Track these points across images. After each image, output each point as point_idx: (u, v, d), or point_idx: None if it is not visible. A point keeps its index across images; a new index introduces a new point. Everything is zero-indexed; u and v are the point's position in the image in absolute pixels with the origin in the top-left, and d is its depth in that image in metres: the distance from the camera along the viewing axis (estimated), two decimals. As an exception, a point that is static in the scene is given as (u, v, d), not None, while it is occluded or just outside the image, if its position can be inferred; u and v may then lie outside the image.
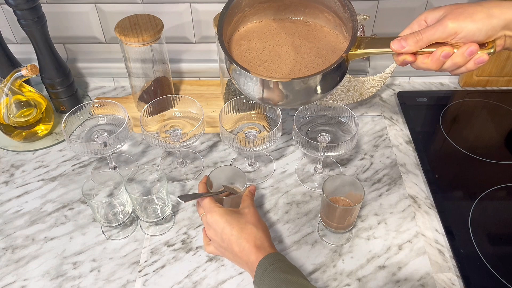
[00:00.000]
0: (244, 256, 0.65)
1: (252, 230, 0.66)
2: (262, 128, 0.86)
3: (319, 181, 0.87)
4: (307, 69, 0.63)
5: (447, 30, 0.55)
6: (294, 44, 0.67)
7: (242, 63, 0.63)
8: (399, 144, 0.93)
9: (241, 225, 0.67)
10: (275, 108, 0.83)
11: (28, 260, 0.75)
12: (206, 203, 0.71)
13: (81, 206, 0.83)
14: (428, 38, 0.56)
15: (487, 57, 0.56)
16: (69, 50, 1.05)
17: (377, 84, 0.96)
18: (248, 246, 0.65)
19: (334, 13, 0.66)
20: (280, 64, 0.64)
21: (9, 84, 0.86)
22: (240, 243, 0.65)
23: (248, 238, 0.65)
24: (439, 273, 0.72)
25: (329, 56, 0.65)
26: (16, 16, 0.83)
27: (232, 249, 0.66)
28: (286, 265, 0.63)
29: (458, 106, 1.01)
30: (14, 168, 0.90)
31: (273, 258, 0.63)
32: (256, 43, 0.67)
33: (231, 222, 0.67)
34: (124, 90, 1.07)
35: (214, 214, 0.68)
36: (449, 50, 0.56)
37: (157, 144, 0.79)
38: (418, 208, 0.81)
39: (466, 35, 0.55)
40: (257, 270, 0.62)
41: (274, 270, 0.61)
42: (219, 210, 0.69)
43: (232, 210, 0.70)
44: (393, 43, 0.57)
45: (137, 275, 0.73)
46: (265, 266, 0.62)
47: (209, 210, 0.70)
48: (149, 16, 0.88)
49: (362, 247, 0.76)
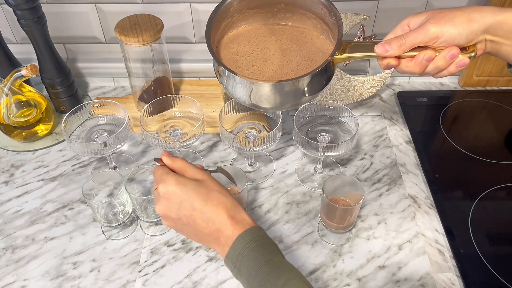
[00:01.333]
0: (214, 231, 0.56)
1: (219, 198, 0.57)
2: (262, 128, 0.86)
3: (319, 181, 0.87)
4: (293, 73, 0.64)
5: (429, 34, 0.56)
6: (282, 47, 0.68)
7: (230, 67, 0.64)
8: (399, 144, 0.93)
9: (203, 195, 0.57)
10: (266, 111, 0.84)
11: (28, 260, 0.75)
12: (158, 173, 0.60)
13: (81, 206, 0.83)
14: (411, 42, 0.57)
15: (468, 61, 0.58)
16: (69, 50, 1.05)
17: (377, 84, 0.96)
18: (219, 218, 0.56)
19: (321, 19, 0.67)
20: (267, 68, 0.65)
21: (9, 84, 0.86)
22: (208, 216, 0.56)
23: (216, 210, 0.56)
24: (439, 273, 0.72)
25: (316, 60, 0.66)
26: (16, 16, 0.83)
27: (195, 225, 0.57)
28: (270, 243, 0.56)
29: (458, 106, 1.01)
30: (14, 168, 0.90)
31: (255, 233, 0.56)
32: (245, 46, 0.68)
33: (189, 193, 0.57)
34: (124, 90, 1.07)
35: (166, 185, 0.58)
36: (431, 54, 0.57)
37: (157, 144, 0.79)
38: (418, 208, 0.81)
39: (448, 39, 0.56)
40: (234, 245, 0.55)
41: (257, 247, 0.54)
42: (172, 178, 0.58)
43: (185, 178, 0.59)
44: (377, 47, 0.59)
45: (137, 275, 0.73)
46: (246, 242, 0.54)
47: (162, 180, 0.59)
48: (149, 16, 0.88)
49: (362, 247, 0.76)
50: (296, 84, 0.61)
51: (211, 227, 0.56)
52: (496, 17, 0.56)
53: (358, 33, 0.93)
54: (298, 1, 0.67)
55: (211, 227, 0.56)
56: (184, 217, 0.57)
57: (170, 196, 0.58)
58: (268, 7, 0.69)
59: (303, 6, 0.67)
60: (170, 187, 0.58)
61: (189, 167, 0.61)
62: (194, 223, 0.57)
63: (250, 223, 0.57)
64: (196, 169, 0.61)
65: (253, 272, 0.54)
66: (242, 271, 0.55)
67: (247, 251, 0.54)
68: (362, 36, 0.93)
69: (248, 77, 0.62)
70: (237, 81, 0.62)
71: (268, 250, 0.55)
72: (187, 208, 0.57)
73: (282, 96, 0.62)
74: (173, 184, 0.58)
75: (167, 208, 0.58)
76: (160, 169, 0.61)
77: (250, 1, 0.68)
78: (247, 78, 0.60)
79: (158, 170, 0.61)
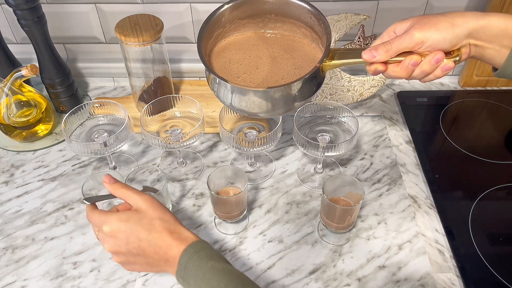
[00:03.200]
0: (162, 255, 0.58)
1: (162, 225, 0.59)
2: (262, 128, 0.86)
3: (319, 181, 0.87)
4: (283, 80, 0.66)
5: (414, 40, 0.58)
6: (273, 55, 0.69)
7: (222, 75, 0.65)
8: (399, 144, 0.93)
9: (146, 225, 0.59)
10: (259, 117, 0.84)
11: (28, 260, 0.75)
12: (96, 217, 0.62)
13: (81, 206, 0.83)
14: (397, 47, 0.59)
15: (453, 65, 0.60)
16: (69, 50, 1.05)
17: (377, 84, 0.96)
18: (165, 243, 0.58)
19: (311, 28, 0.69)
20: (258, 75, 0.67)
21: (9, 84, 0.86)
22: (155, 243, 0.59)
23: (161, 236, 0.59)
24: (439, 273, 0.72)
25: (305, 67, 0.67)
26: (16, 16, 0.83)
27: (145, 254, 0.59)
28: (213, 253, 0.58)
29: (458, 106, 1.01)
30: (14, 168, 0.90)
31: (198, 246, 0.58)
32: (237, 54, 0.70)
33: (133, 228, 0.59)
34: (124, 90, 1.07)
35: (109, 224, 0.60)
36: (417, 59, 0.59)
37: (157, 144, 0.79)
38: (418, 208, 0.81)
39: (432, 44, 0.58)
40: (180, 260, 0.57)
41: (201, 258, 0.57)
42: (113, 217, 0.60)
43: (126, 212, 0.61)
44: (364, 53, 0.61)
45: (137, 275, 0.73)
46: (190, 255, 0.57)
47: (104, 221, 0.60)
48: (149, 16, 0.88)
49: (362, 247, 0.76)
50: (286, 90, 0.62)
51: (159, 251, 0.58)
52: (479, 22, 0.57)
53: (358, 33, 0.93)
54: (288, 11, 0.69)
55: (159, 251, 0.58)
56: (134, 249, 0.59)
57: (116, 234, 0.60)
58: (259, 17, 0.71)
59: (293, 16, 0.69)
60: (114, 225, 0.60)
61: (130, 195, 0.62)
62: (144, 251, 0.59)
63: (193, 238, 0.59)
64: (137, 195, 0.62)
65: (198, 280, 0.56)
66: (190, 282, 0.57)
67: (191, 261, 0.57)
68: (362, 36, 0.93)
69: (238, 84, 0.64)
70: (228, 88, 0.64)
71: (212, 258, 0.57)
72: (134, 241, 0.59)
73: (273, 102, 0.63)
74: (116, 222, 0.60)
75: (116, 245, 0.60)
76: (95, 211, 0.62)
77: (241, 11, 0.69)
78: (237, 85, 0.62)
79: (93, 213, 0.62)
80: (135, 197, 0.62)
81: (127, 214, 0.60)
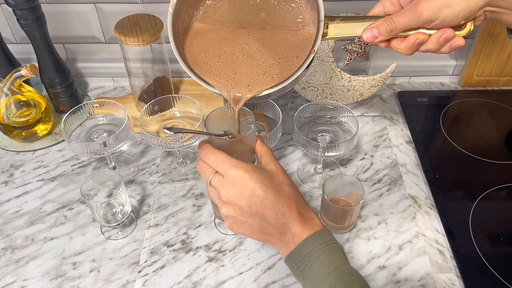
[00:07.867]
0: (281, 224, 0.52)
1: (291, 192, 0.54)
2: (262, 128, 0.86)
3: (319, 181, 0.86)
4: (265, 76, 0.60)
5: (422, 19, 0.53)
6: (249, 52, 0.62)
7: (201, 69, 0.60)
8: (399, 144, 0.93)
9: (276, 186, 0.53)
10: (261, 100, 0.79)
11: (28, 260, 0.75)
12: (224, 157, 0.54)
13: (80, 206, 0.83)
14: (402, 27, 0.54)
15: (463, 43, 0.54)
16: (68, 50, 1.05)
17: (377, 84, 0.96)
18: (290, 212, 0.52)
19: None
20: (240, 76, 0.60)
21: (8, 84, 0.86)
22: (278, 208, 0.52)
23: (288, 203, 0.53)
24: (440, 273, 0.72)
25: (290, 55, 0.61)
26: (15, 16, 0.83)
27: (263, 215, 0.52)
28: (338, 248, 0.53)
29: (458, 106, 1.01)
30: (14, 168, 0.90)
31: (326, 237, 0.53)
32: (211, 47, 0.63)
33: (264, 182, 0.52)
34: (124, 90, 1.07)
35: (240, 170, 0.53)
36: (423, 38, 0.54)
37: (157, 144, 0.79)
38: (418, 208, 0.81)
39: (442, 22, 0.53)
40: (302, 245, 0.52)
41: (327, 252, 0.51)
42: (245, 165, 0.53)
43: (258, 166, 0.55)
44: (365, 33, 0.55)
45: (136, 275, 0.73)
46: (315, 245, 0.51)
47: (232, 165, 0.53)
48: (149, 16, 0.88)
49: (362, 247, 0.76)
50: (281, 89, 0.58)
51: (280, 219, 0.52)
52: None
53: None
54: None
55: (280, 219, 0.52)
56: (255, 205, 0.52)
57: (243, 182, 0.52)
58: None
59: None
60: (244, 172, 0.52)
61: (268, 154, 0.58)
62: (263, 212, 0.52)
63: (319, 225, 0.54)
64: (270, 158, 0.58)
65: (319, 277, 0.51)
66: (306, 274, 0.52)
67: (316, 254, 0.51)
68: (362, 36, 0.92)
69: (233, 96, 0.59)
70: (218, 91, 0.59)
71: (338, 256, 0.52)
72: (260, 196, 0.52)
73: (261, 97, 0.59)
74: (249, 168, 0.53)
75: (238, 194, 0.53)
76: (214, 151, 0.55)
77: None
78: (231, 97, 0.58)
79: (212, 152, 0.55)
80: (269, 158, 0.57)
81: (259, 166, 0.55)
